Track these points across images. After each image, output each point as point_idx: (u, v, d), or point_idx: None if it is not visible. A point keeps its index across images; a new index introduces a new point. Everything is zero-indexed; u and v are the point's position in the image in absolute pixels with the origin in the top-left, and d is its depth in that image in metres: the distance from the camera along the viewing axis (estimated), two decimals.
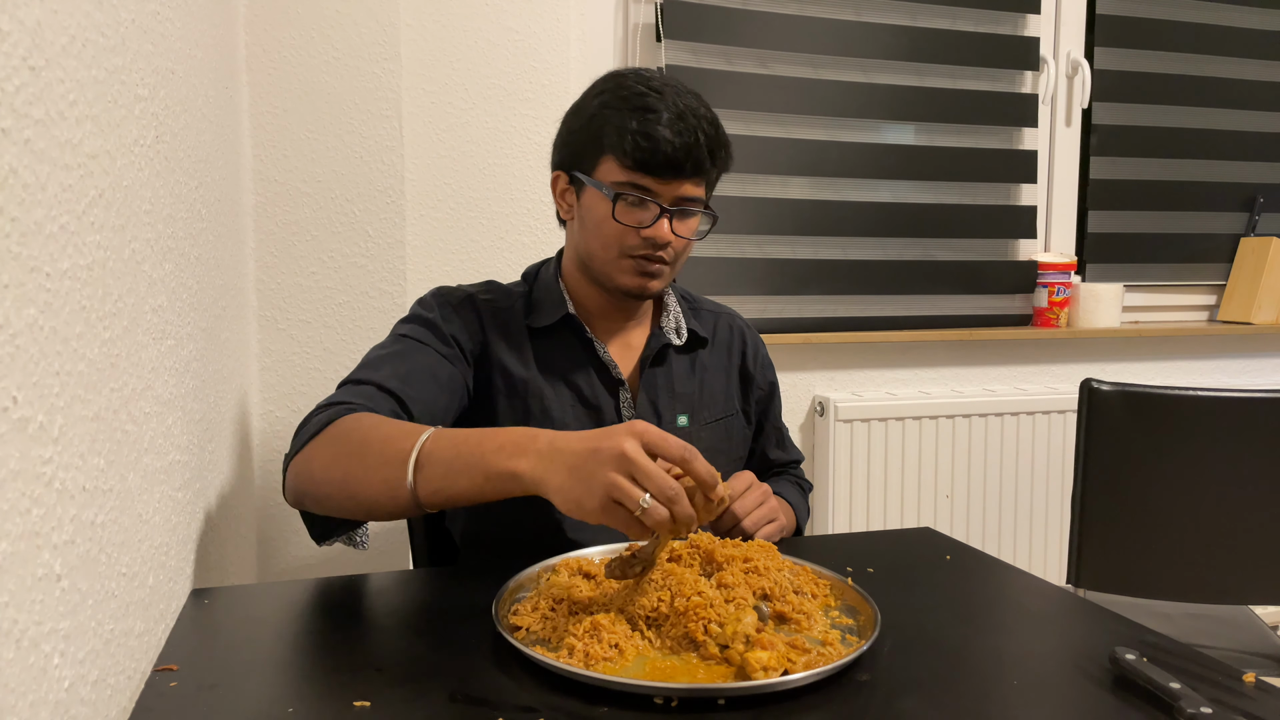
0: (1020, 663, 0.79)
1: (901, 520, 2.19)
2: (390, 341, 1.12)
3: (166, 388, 0.88)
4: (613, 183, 1.09)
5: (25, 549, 0.52)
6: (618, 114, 1.08)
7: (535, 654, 0.73)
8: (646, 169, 1.07)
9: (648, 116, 1.06)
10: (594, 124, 1.10)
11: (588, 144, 1.11)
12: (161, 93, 0.91)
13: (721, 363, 1.29)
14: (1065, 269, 2.37)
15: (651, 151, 1.06)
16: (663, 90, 1.09)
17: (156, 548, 0.83)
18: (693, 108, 1.08)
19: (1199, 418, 1.44)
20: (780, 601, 0.84)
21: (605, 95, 1.11)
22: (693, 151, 1.07)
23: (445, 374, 1.10)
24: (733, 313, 1.36)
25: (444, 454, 0.85)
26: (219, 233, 1.26)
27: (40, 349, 0.55)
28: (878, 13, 2.25)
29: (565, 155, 1.16)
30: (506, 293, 1.22)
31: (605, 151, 1.09)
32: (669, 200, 1.10)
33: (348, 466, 0.89)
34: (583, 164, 1.13)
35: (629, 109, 1.08)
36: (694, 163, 1.08)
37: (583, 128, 1.12)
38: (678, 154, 1.06)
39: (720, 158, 1.12)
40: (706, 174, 1.11)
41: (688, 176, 1.09)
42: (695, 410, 1.24)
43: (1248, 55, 2.55)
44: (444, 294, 1.19)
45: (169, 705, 0.68)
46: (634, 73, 1.13)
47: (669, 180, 1.08)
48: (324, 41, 1.69)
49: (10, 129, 0.51)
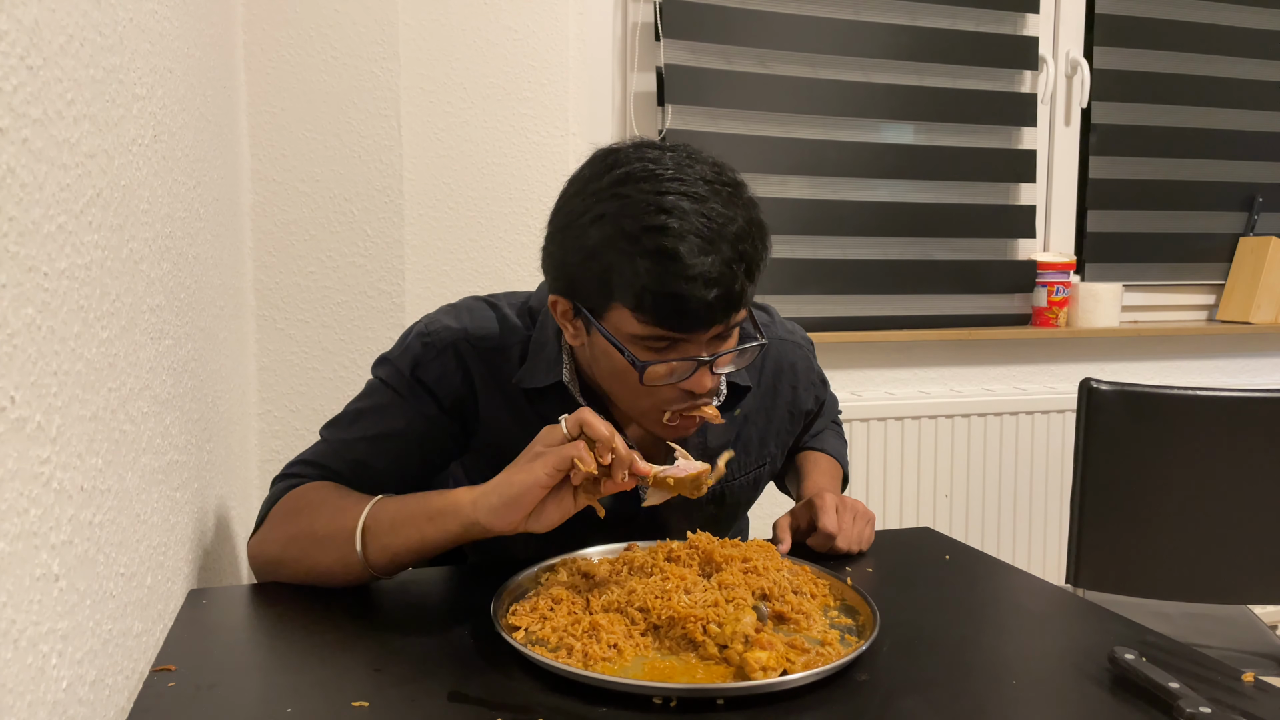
0: (1019, 662, 0.79)
1: (900, 520, 2.19)
2: (366, 394, 1.05)
3: (164, 387, 0.88)
4: (631, 336, 0.87)
5: (23, 549, 0.52)
6: (630, 260, 0.83)
7: (534, 654, 0.73)
8: (676, 328, 0.86)
9: (670, 268, 0.82)
10: (599, 263, 0.86)
11: (591, 285, 0.88)
12: (159, 92, 0.90)
13: (765, 406, 1.13)
14: (1064, 268, 2.37)
15: (679, 312, 0.84)
16: (679, 209, 0.83)
17: (154, 548, 0.83)
18: (722, 226, 0.84)
19: (1198, 417, 1.44)
20: (779, 601, 0.84)
21: (607, 225, 0.85)
22: (729, 296, 0.85)
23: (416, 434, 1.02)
24: (788, 339, 1.17)
25: (387, 515, 0.88)
26: (217, 232, 1.26)
27: (38, 348, 0.55)
28: (877, 12, 2.25)
29: (565, 284, 0.91)
30: (506, 329, 1.04)
31: (615, 299, 0.86)
32: (706, 345, 0.89)
33: (303, 544, 0.92)
34: (589, 303, 0.90)
35: (641, 254, 0.83)
36: (732, 303, 0.86)
37: (584, 263, 0.87)
38: (714, 309, 0.84)
39: (760, 269, 0.89)
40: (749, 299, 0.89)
41: (725, 320, 0.87)
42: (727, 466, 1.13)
43: (1247, 55, 2.55)
44: (429, 336, 1.02)
45: (167, 705, 0.68)
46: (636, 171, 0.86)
47: (702, 331, 0.87)
48: (322, 41, 1.68)
49: (8, 128, 0.51)
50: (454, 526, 0.85)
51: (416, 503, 0.88)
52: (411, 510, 0.88)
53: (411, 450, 1.02)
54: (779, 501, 1.32)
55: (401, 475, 1.02)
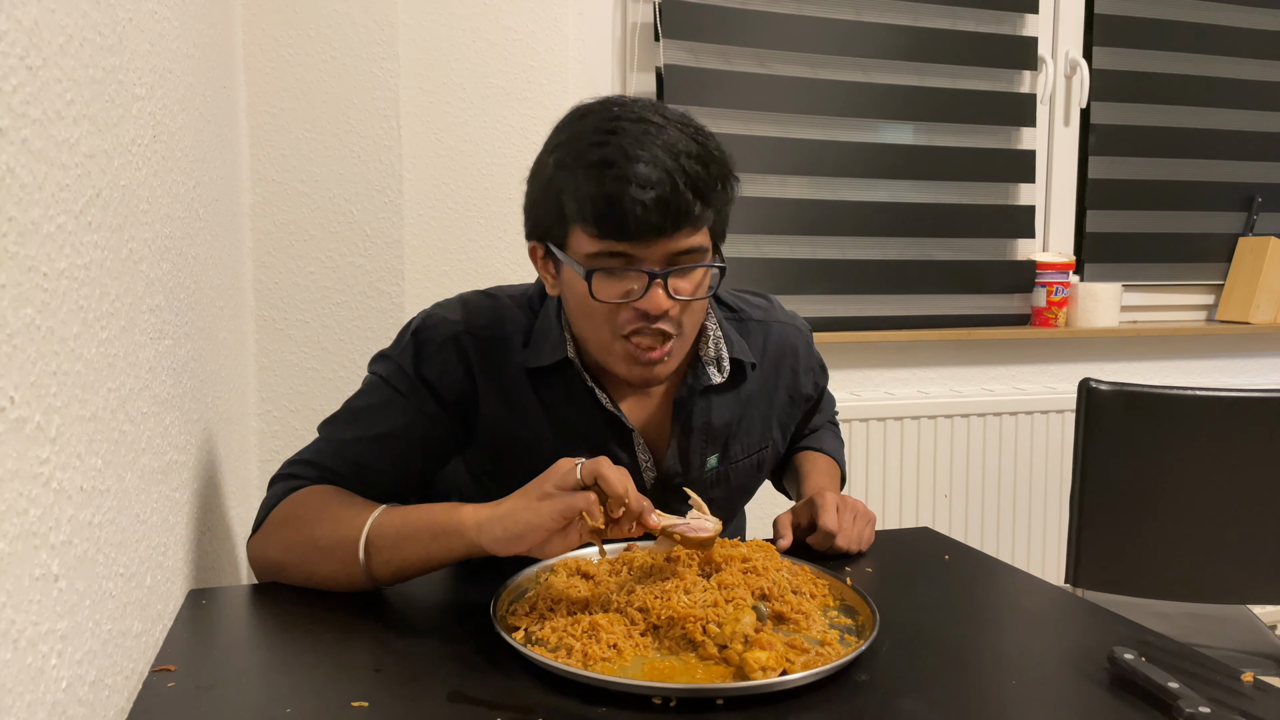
0: (1019, 662, 0.79)
1: (900, 520, 2.19)
2: (365, 391, 1.04)
3: (164, 387, 0.88)
4: (586, 255, 0.90)
5: (22, 549, 0.52)
6: (574, 176, 0.89)
7: (534, 654, 0.73)
8: (619, 235, 0.88)
9: (607, 174, 0.86)
10: (553, 190, 0.91)
11: (552, 214, 0.93)
12: (159, 92, 0.90)
13: (767, 387, 1.13)
14: (1063, 269, 2.37)
15: (619, 216, 0.86)
16: (623, 129, 0.88)
17: (154, 548, 0.83)
18: (669, 144, 0.87)
19: (1197, 417, 1.44)
20: (779, 601, 0.84)
21: (560, 151, 0.92)
22: (672, 203, 0.86)
23: (418, 433, 1.01)
24: (788, 322, 1.18)
25: (392, 528, 0.88)
26: (216, 232, 1.26)
27: (37, 349, 0.55)
28: (876, 12, 2.25)
29: (533, 225, 0.98)
30: (507, 318, 1.05)
31: (570, 222, 0.91)
32: (658, 262, 0.90)
33: (303, 551, 0.92)
34: (553, 236, 0.94)
35: (584, 167, 0.88)
36: (677, 214, 0.87)
37: (543, 195, 0.94)
38: (651, 213, 0.86)
39: (715, 194, 0.91)
40: (699, 219, 0.90)
41: (673, 233, 0.88)
42: (729, 446, 1.10)
43: (1246, 55, 2.55)
44: (428, 330, 1.03)
45: (166, 706, 0.68)
46: (596, 109, 0.93)
47: (651, 241, 0.88)
48: (322, 41, 1.68)
49: (7, 128, 0.51)
50: (458, 547, 0.85)
51: (421, 519, 0.88)
52: (416, 526, 0.87)
53: (413, 449, 1.02)
54: (778, 501, 1.32)
55: (402, 475, 1.02)
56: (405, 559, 0.88)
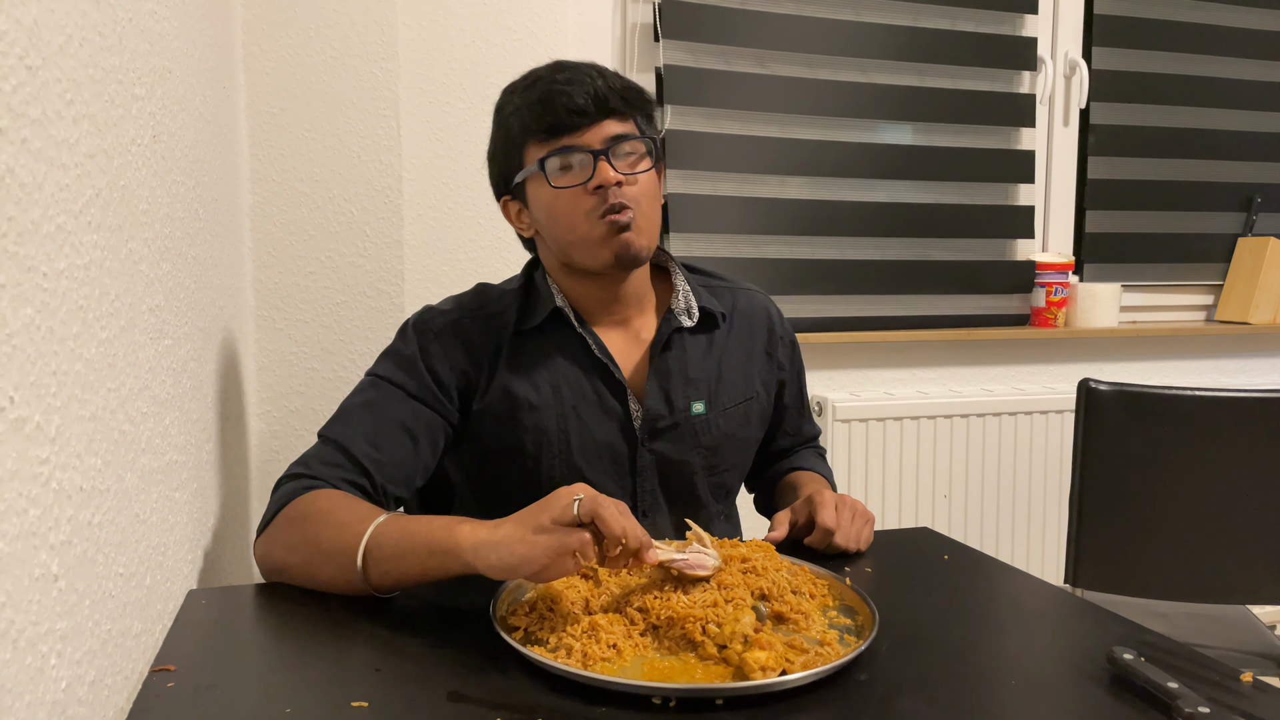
0: (1018, 662, 0.79)
1: (899, 520, 2.19)
2: (365, 387, 1.09)
3: (164, 387, 0.88)
4: (539, 161, 1.06)
5: (22, 549, 0.52)
6: (512, 102, 1.08)
7: (534, 654, 0.73)
8: (558, 129, 1.05)
9: (536, 85, 1.06)
10: (504, 128, 1.10)
11: (508, 148, 1.10)
12: (159, 92, 0.90)
13: (742, 341, 1.22)
14: (1063, 269, 2.37)
15: (551, 110, 1.04)
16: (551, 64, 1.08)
17: (154, 548, 0.83)
18: (579, 64, 1.07)
19: (1196, 417, 1.44)
20: (778, 601, 0.84)
21: (502, 98, 1.11)
22: (592, 90, 1.04)
23: (421, 423, 1.07)
24: (753, 289, 1.29)
25: (390, 541, 0.88)
26: (216, 232, 1.26)
27: (37, 349, 0.55)
28: (875, 12, 2.25)
29: (497, 176, 1.15)
30: (497, 296, 1.16)
31: (521, 143, 1.08)
32: (597, 144, 1.05)
33: (307, 553, 0.93)
34: (512, 166, 1.11)
35: (520, 92, 1.08)
36: (598, 100, 1.04)
37: (497, 137, 1.12)
38: (575, 101, 1.03)
39: (631, 94, 1.08)
40: (622, 112, 1.07)
41: (602, 118, 1.05)
42: (713, 396, 1.17)
43: (1245, 55, 2.55)
44: (425, 323, 1.12)
45: (166, 706, 0.68)
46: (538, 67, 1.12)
47: (585, 128, 1.05)
48: (321, 41, 1.68)
49: (7, 128, 0.51)
50: (454, 566, 0.85)
51: (419, 533, 0.87)
52: (413, 541, 0.87)
53: (419, 436, 1.06)
54: None
55: (412, 462, 1.05)
56: (403, 572, 0.87)
